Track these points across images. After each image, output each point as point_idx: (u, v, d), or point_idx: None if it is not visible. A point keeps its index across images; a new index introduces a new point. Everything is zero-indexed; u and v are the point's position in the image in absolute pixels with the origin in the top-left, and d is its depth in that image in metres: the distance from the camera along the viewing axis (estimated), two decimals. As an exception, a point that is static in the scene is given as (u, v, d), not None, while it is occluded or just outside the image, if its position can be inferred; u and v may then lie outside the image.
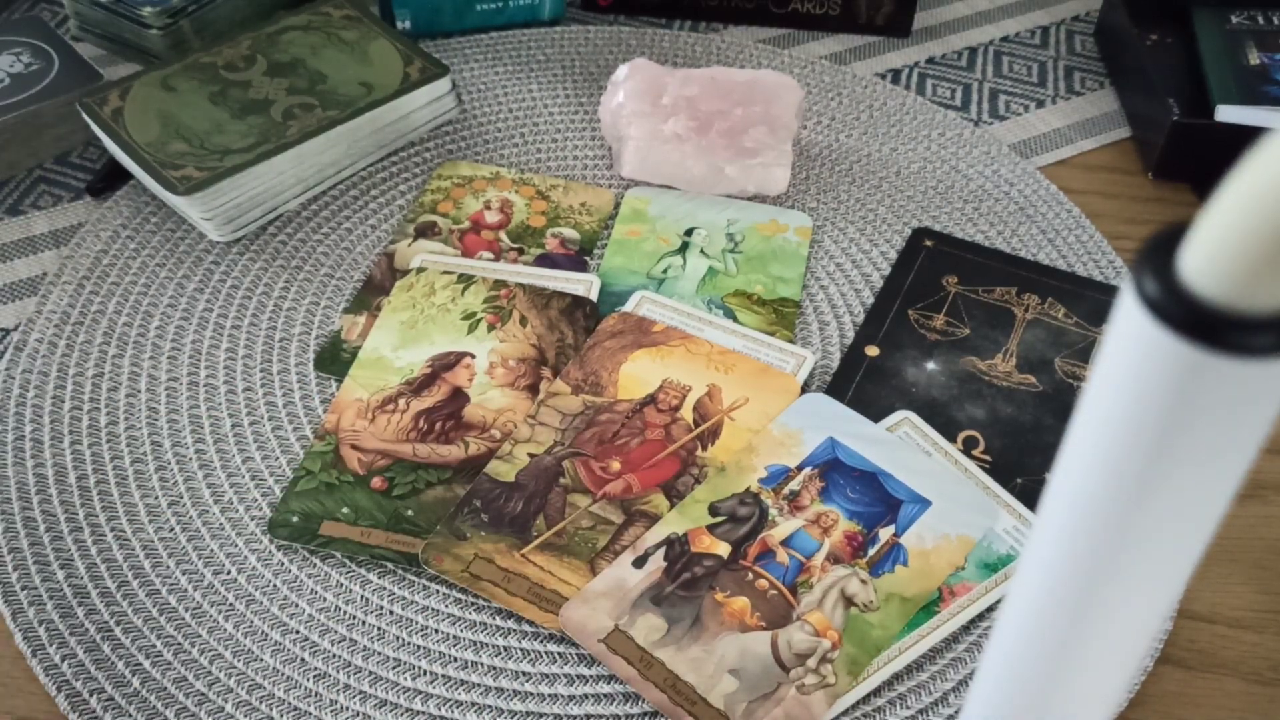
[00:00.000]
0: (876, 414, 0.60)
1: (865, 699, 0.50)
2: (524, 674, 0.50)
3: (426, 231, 0.69)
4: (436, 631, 0.51)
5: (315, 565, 0.53)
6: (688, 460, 0.57)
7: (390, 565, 0.53)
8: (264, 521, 0.55)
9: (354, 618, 0.52)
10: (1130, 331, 0.21)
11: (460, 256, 0.68)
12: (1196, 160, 0.75)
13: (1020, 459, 0.58)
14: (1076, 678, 0.27)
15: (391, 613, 0.52)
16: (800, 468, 0.57)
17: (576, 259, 0.68)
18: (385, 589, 0.53)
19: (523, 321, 0.64)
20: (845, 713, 0.49)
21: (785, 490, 0.56)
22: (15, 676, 0.50)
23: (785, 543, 0.54)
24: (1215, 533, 0.24)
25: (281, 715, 0.48)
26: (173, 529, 0.54)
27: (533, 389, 0.60)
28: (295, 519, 0.54)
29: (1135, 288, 0.21)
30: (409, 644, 0.51)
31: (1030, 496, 0.57)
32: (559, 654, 0.51)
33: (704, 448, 0.58)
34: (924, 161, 0.76)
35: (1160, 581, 0.25)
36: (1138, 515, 0.23)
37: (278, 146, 0.68)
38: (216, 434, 0.58)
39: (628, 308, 0.65)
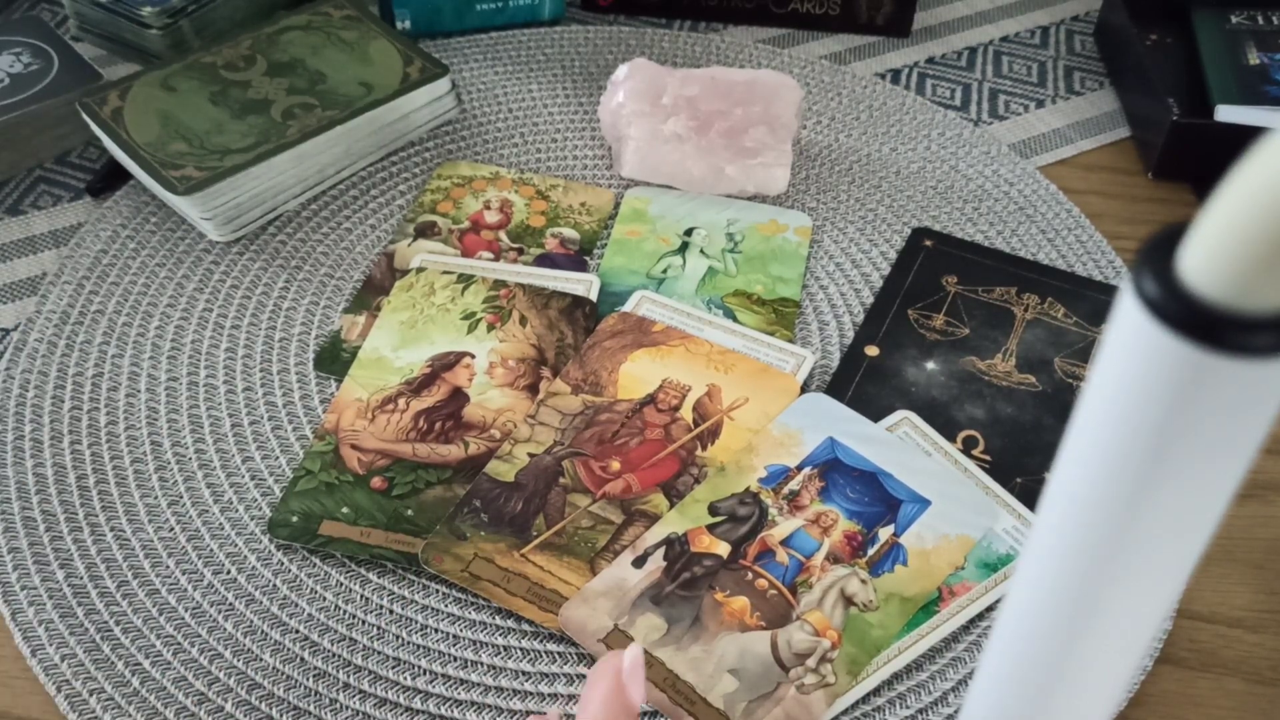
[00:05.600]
0: (876, 414, 0.60)
1: (865, 699, 0.50)
2: (524, 674, 0.50)
3: (426, 231, 0.69)
4: (436, 631, 0.51)
5: (315, 565, 0.53)
6: (687, 460, 0.57)
7: (390, 565, 0.53)
8: (264, 521, 0.55)
9: (354, 618, 0.52)
10: (1130, 331, 0.21)
11: (460, 256, 0.68)
12: (1196, 160, 0.75)
13: (1020, 459, 0.58)
14: (1076, 677, 0.27)
15: (391, 612, 0.52)
16: (800, 467, 0.57)
17: (576, 259, 0.68)
18: (385, 589, 0.53)
19: (522, 321, 0.64)
20: (845, 712, 0.49)
21: (785, 490, 0.56)
22: (15, 676, 0.50)
23: (785, 542, 0.54)
24: (1215, 532, 0.24)
25: (281, 715, 0.48)
26: (172, 529, 0.54)
27: (532, 389, 0.60)
28: (295, 519, 0.54)
29: (1135, 288, 0.21)
30: (409, 644, 0.51)
31: (1030, 496, 0.57)
32: (559, 654, 0.51)
33: (704, 447, 0.58)
34: (924, 161, 0.76)
35: (1160, 581, 0.25)
36: (1137, 515, 0.23)
37: (278, 146, 0.68)
38: (216, 434, 0.58)
39: (627, 308, 0.65)
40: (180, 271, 0.66)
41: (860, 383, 0.62)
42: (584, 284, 0.66)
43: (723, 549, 0.53)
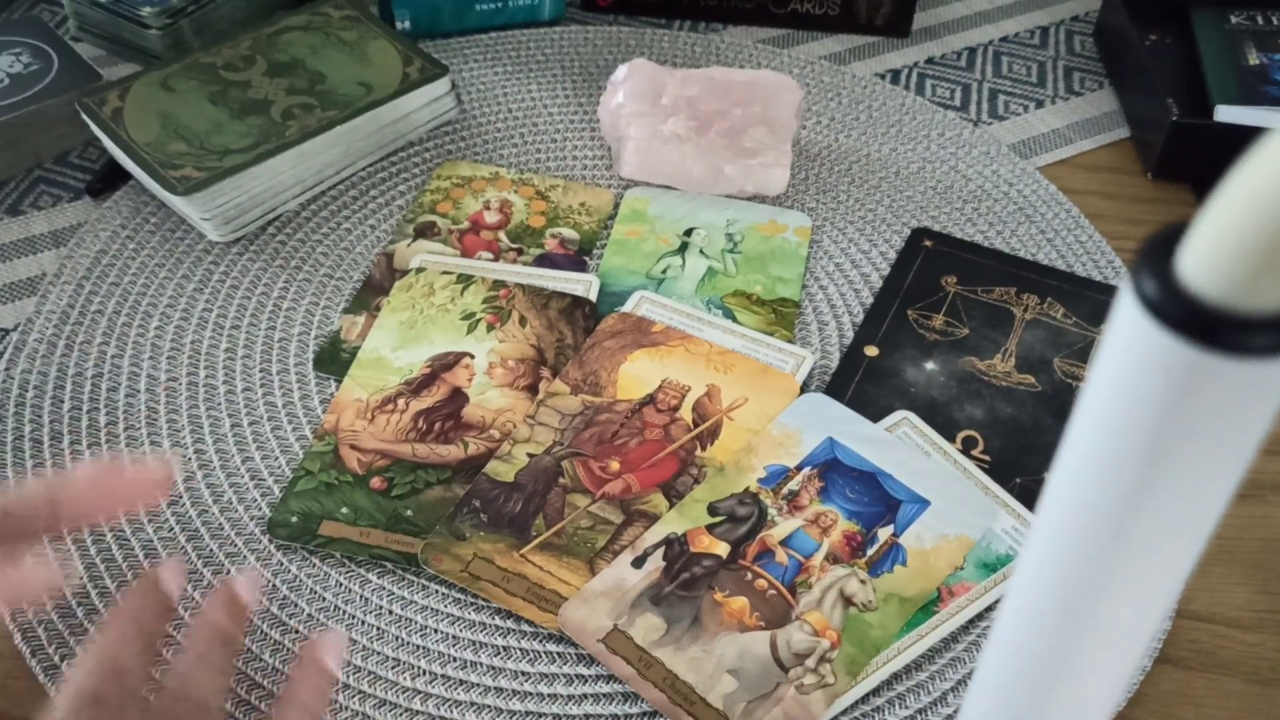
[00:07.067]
0: (876, 414, 0.60)
1: (864, 699, 0.50)
2: (523, 674, 0.50)
3: (426, 231, 0.69)
4: (436, 631, 0.52)
5: (315, 565, 0.53)
6: (687, 460, 0.57)
7: (390, 565, 0.53)
8: (263, 521, 0.55)
9: (354, 618, 0.52)
10: (1129, 331, 0.21)
11: (460, 256, 0.68)
12: (1196, 160, 0.75)
13: (1019, 459, 0.58)
14: (1075, 677, 0.27)
15: (391, 613, 0.52)
16: (799, 468, 0.57)
17: (576, 259, 0.68)
18: (385, 589, 0.53)
19: (522, 321, 0.64)
20: (844, 712, 0.49)
21: (784, 490, 0.56)
22: (15, 677, 0.50)
23: (784, 543, 0.54)
24: (1214, 533, 0.24)
25: (281, 715, 0.48)
26: (172, 529, 0.54)
27: (532, 389, 0.60)
28: (294, 519, 0.54)
29: (1134, 288, 0.21)
30: (409, 644, 0.51)
31: (1029, 496, 0.57)
32: (558, 654, 0.51)
33: (703, 448, 0.58)
34: (923, 161, 0.76)
35: (1159, 581, 0.25)
36: (1136, 515, 0.23)
37: (277, 146, 0.68)
38: (216, 434, 0.58)
39: (627, 308, 0.65)
40: (180, 271, 0.66)
41: (860, 383, 0.62)
42: (584, 284, 0.66)
43: (722, 549, 0.53)
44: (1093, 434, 0.23)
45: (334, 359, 0.62)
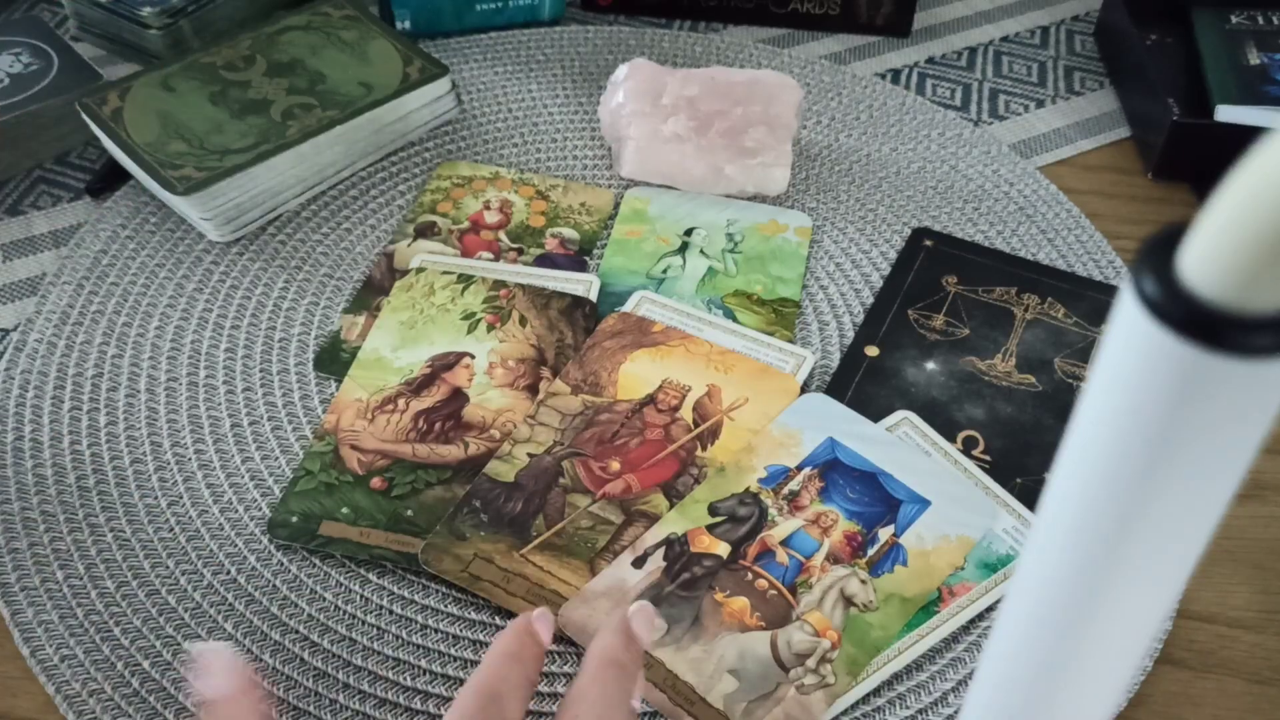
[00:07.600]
0: (876, 414, 0.60)
1: (864, 699, 0.50)
2: (524, 674, 0.50)
3: (426, 231, 0.69)
4: (436, 631, 0.51)
5: (315, 565, 0.53)
6: (687, 460, 0.57)
7: (390, 565, 0.53)
8: (263, 522, 0.55)
9: (354, 618, 0.52)
10: (1129, 331, 0.21)
11: (460, 256, 0.68)
12: (1196, 160, 0.75)
13: (1020, 459, 0.58)
14: (1075, 678, 0.27)
15: (391, 613, 0.52)
16: (800, 468, 0.57)
17: (576, 259, 0.68)
18: (385, 589, 0.53)
19: (522, 321, 0.64)
20: (845, 713, 0.49)
21: (785, 490, 0.56)
22: (14, 676, 0.50)
23: (785, 543, 0.54)
24: (1215, 533, 0.24)
25: (281, 716, 0.48)
26: (172, 529, 0.54)
27: (532, 389, 0.60)
28: (294, 519, 0.54)
29: (1134, 287, 0.21)
30: (409, 644, 0.51)
31: (1030, 496, 0.57)
32: (559, 654, 0.51)
33: (703, 448, 0.58)
34: (924, 161, 0.76)
35: (1160, 581, 0.25)
36: (1137, 515, 0.23)
37: (277, 146, 0.68)
38: (216, 434, 0.58)
39: (627, 308, 0.65)
40: (180, 271, 0.66)
41: (860, 383, 0.62)
42: (584, 284, 0.66)
43: (722, 549, 0.53)
44: (1093, 434, 0.23)
45: (334, 359, 0.62)
